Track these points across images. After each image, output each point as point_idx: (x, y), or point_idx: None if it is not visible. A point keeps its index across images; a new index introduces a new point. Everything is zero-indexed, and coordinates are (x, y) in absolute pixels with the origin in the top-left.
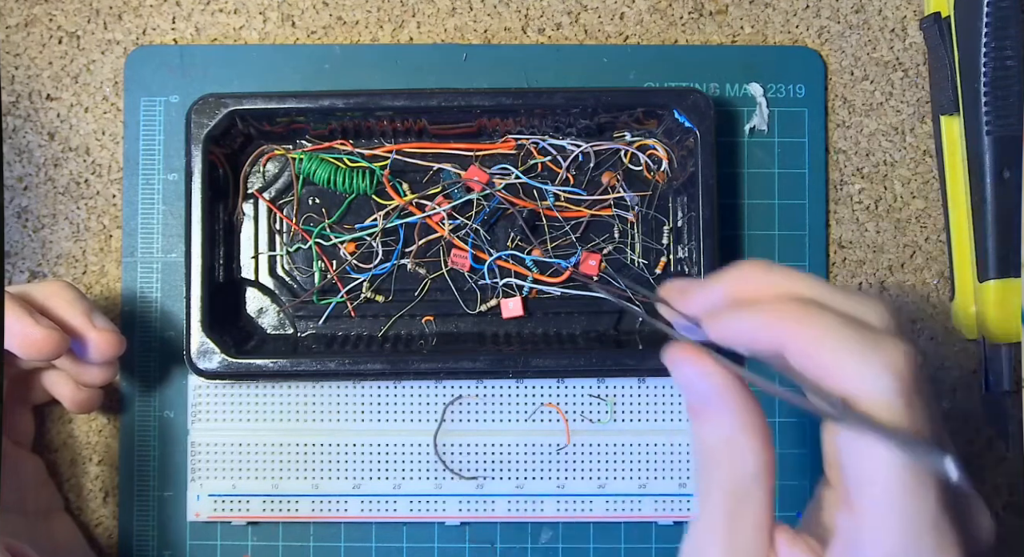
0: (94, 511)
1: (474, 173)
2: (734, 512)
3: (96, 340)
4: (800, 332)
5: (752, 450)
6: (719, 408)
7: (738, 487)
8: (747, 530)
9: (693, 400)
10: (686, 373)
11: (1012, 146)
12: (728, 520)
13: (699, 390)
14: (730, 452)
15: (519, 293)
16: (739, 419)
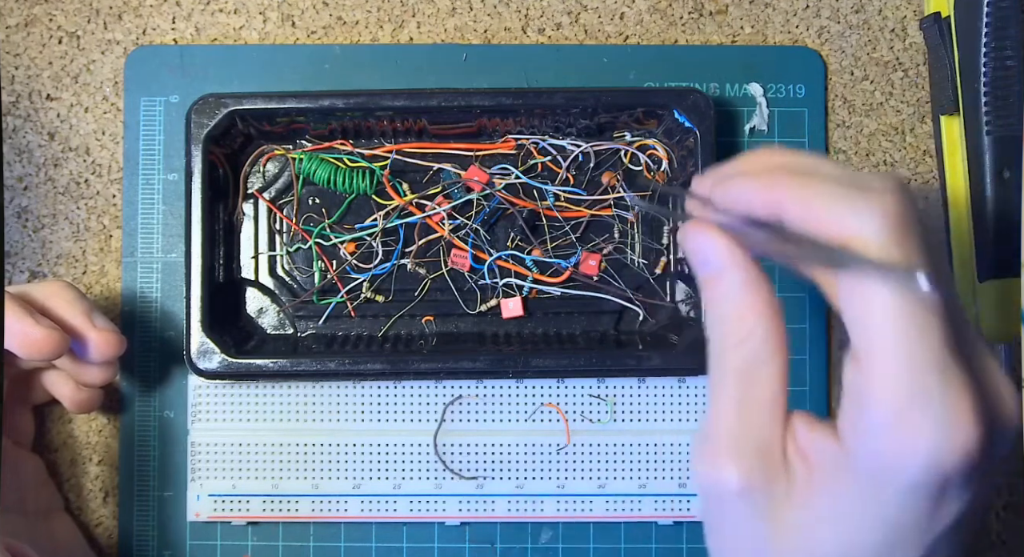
0: (94, 511)
1: (474, 173)
2: (744, 390)
3: (96, 340)
4: (795, 188)
5: (762, 325)
6: (728, 274)
7: (748, 364)
8: (757, 409)
9: (703, 271)
10: (697, 242)
11: (1012, 146)
12: (738, 399)
13: (708, 259)
14: (739, 326)
15: (519, 293)
16: (747, 289)
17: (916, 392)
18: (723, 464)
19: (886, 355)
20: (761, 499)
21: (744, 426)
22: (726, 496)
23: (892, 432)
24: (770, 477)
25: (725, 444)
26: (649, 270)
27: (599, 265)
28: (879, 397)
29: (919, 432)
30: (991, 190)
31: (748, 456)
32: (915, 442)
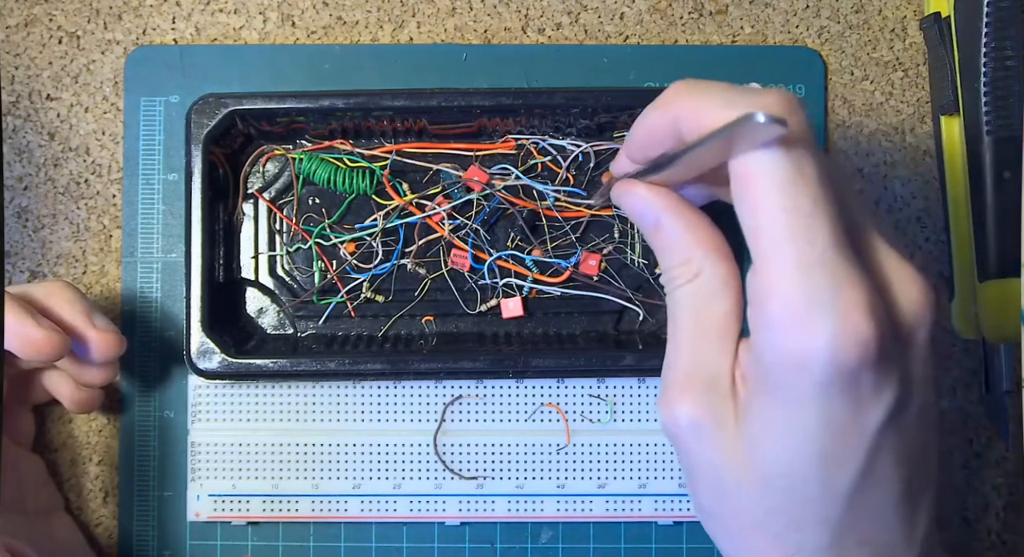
0: (94, 511)
1: (474, 173)
2: (695, 327)
3: (96, 340)
4: (687, 100)
5: (708, 260)
6: (665, 220)
7: (697, 300)
8: (707, 342)
9: (645, 224)
10: (630, 201)
11: (1012, 146)
12: (689, 337)
13: (646, 213)
14: (687, 268)
15: (519, 293)
16: (687, 229)
17: (808, 289)
18: (674, 401)
19: (776, 258)
20: (709, 429)
21: (694, 361)
22: (682, 430)
23: (791, 333)
24: (717, 405)
25: (676, 382)
26: (649, 270)
27: (599, 265)
28: (773, 301)
29: (813, 330)
30: (991, 190)
31: (696, 390)
32: (811, 341)
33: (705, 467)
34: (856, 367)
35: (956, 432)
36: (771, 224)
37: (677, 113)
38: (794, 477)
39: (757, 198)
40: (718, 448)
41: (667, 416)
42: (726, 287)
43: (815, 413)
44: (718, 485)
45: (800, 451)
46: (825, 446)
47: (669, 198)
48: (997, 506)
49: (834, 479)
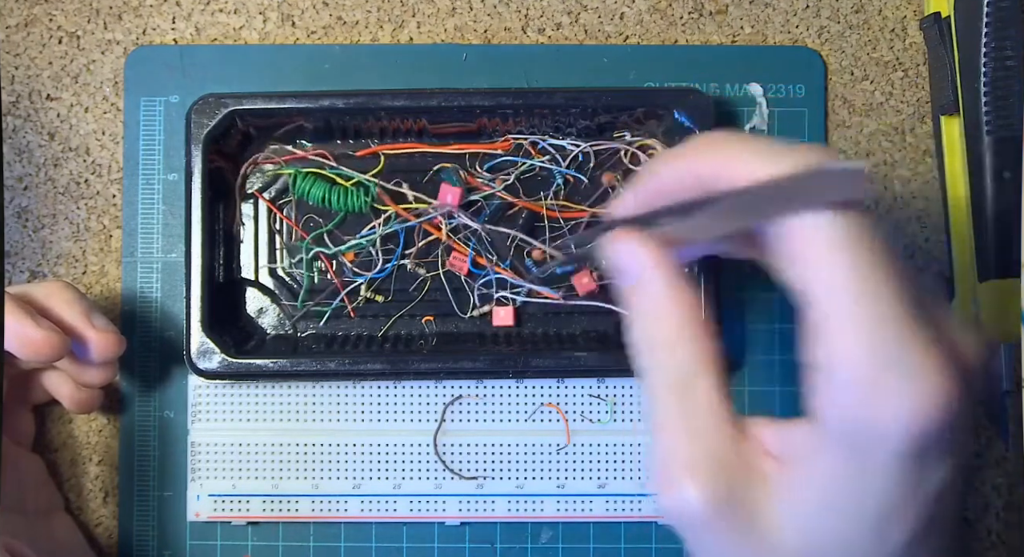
0: (94, 511)
1: (446, 193)
2: (682, 404)
3: (96, 340)
4: (722, 149)
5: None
6: (649, 279)
7: (680, 376)
8: (701, 420)
9: (626, 282)
10: (618, 251)
11: (1012, 146)
12: (678, 415)
13: (630, 267)
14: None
15: (512, 304)
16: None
17: (882, 352)
18: (681, 485)
19: (843, 321)
20: (731, 511)
21: (692, 441)
22: (696, 518)
23: (866, 399)
24: (737, 487)
25: (678, 464)
26: None
27: (593, 278)
28: (846, 365)
29: (893, 395)
30: (991, 190)
31: (704, 470)
32: (891, 406)
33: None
34: (933, 433)
35: None
36: (836, 285)
37: (707, 164)
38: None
39: (819, 259)
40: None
41: (672, 502)
42: (709, 364)
43: (879, 481)
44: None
45: (853, 524)
46: (880, 513)
47: (661, 256)
48: (997, 506)
49: (885, 542)
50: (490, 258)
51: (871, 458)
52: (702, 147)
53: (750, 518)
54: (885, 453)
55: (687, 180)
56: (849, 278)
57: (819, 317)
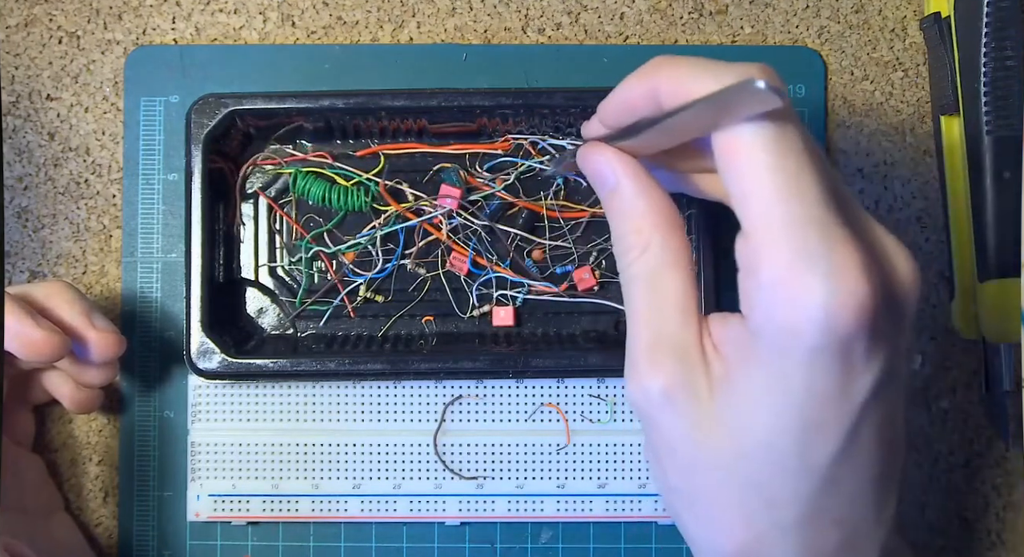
0: (94, 511)
1: (447, 193)
2: (650, 299)
3: (96, 340)
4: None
5: (658, 233)
6: (622, 185)
7: (650, 273)
8: (666, 314)
9: (604, 186)
10: (594, 161)
11: (1012, 146)
12: (646, 308)
13: (607, 175)
14: (637, 238)
15: (512, 303)
16: (641, 197)
17: (801, 250)
18: (643, 372)
19: (766, 219)
20: (684, 400)
21: (657, 333)
22: (653, 403)
23: (783, 295)
24: (689, 376)
25: (643, 355)
26: None
27: (593, 275)
28: (766, 261)
29: (808, 290)
30: (991, 190)
31: (666, 362)
32: (806, 301)
33: (675, 441)
34: (851, 332)
35: (956, 432)
36: (759, 185)
37: (659, 82)
38: (774, 448)
39: (744, 162)
40: (691, 420)
41: (636, 388)
42: (678, 260)
43: (803, 380)
44: (688, 460)
45: (783, 420)
46: (810, 415)
47: (634, 164)
48: (997, 506)
49: (815, 451)
50: (490, 258)
51: (792, 358)
52: (657, 66)
53: (698, 411)
54: (804, 351)
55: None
56: (771, 181)
57: (745, 218)
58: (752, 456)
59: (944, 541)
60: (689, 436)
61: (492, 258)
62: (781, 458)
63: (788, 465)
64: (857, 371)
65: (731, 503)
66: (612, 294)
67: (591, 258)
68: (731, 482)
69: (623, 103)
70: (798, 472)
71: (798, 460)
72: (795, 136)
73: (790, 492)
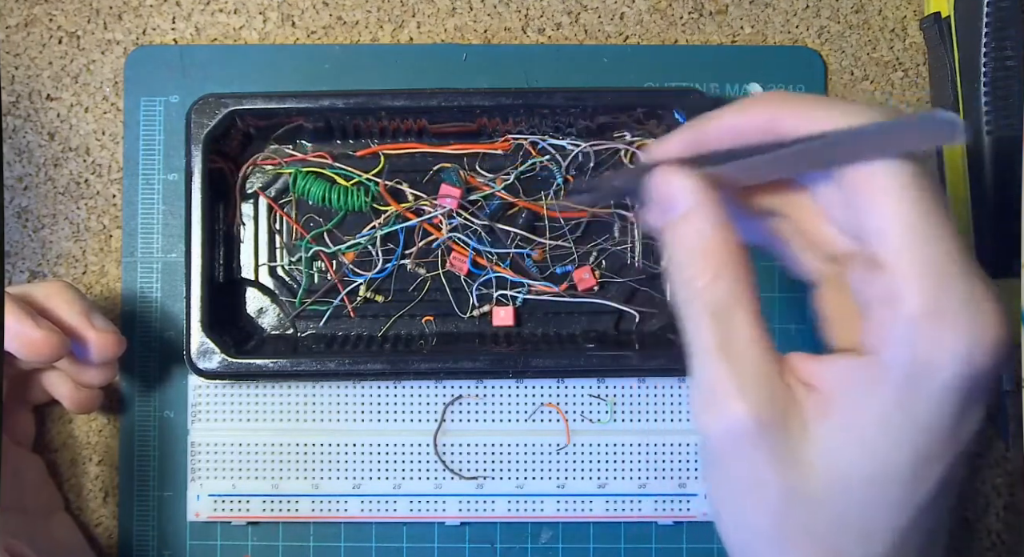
0: (94, 511)
1: (446, 193)
2: (725, 332)
3: (96, 341)
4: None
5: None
6: (699, 212)
7: (723, 304)
8: (745, 347)
9: (671, 214)
10: (666, 184)
11: (1012, 146)
12: (721, 342)
13: (676, 199)
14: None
15: (512, 303)
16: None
17: (946, 286)
18: (730, 405)
19: (910, 254)
20: (777, 436)
21: (736, 367)
22: (739, 440)
23: (928, 326)
24: (780, 409)
25: (725, 385)
26: (650, 268)
27: (593, 275)
28: (911, 295)
29: (953, 329)
30: (991, 190)
31: (753, 392)
32: (950, 339)
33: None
34: (984, 373)
35: None
36: (901, 223)
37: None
38: (884, 480)
39: (884, 198)
40: (783, 456)
41: (718, 423)
42: (749, 294)
43: (929, 414)
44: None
45: (899, 454)
46: (926, 450)
47: (712, 192)
48: (997, 506)
49: (920, 485)
50: (490, 258)
51: (922, 393)
52: (771, 99)
53: (791, 449)
54: (937, 388)
55: (743, 131)
56: (916, 218)
57: (883, 254)
58: (857, 490)
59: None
60: (782, 473)
61: (492, 258)
62: (888, 491)
63: (893, 498)
64: (972, 410)
65: (824, 538)
66: (612, 294)
67: (591, 258)
68: (826, 516)
69: (733, 128)
70: (900, 505)
71: (904, 493)
72: (930, 174)
73: (888, 525)
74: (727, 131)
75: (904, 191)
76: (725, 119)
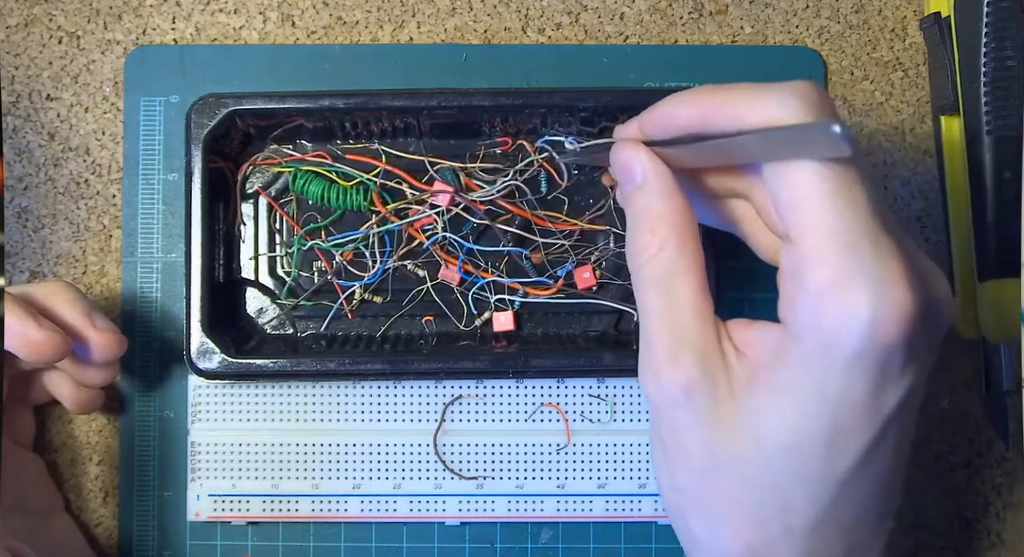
0: (94, 511)
1: (439, 187)
2: (665, 301)
3: (97, 341)
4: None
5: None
6: (647, 184)
7: (664, 275)
8: (683, 316)
9: (627, 184)
10: (624, 156)
11: (1012, 146)
12: (661, 310)
13: (635, 170)
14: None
15: (511, 307)
16: (663, 198)
17: (851, 257)
18: (664, 369)
19: (817, 227)
20: (704, 400)
21: (674, 333)
22: (671, 401)
23: (831, 298)
24: (710, 376)
25: (663, 353)
26: None
27: (594, 274)
28: (816, 266)
29: (858, 295)
30: (991, 190)
31: (685, 359)
32: (853, 307)
33: (690, 440)
34: (893, 343)
35: (956, 432)
36: (812, 194)
37: (709, 107)
38: (799, 452)
39: (796, 173)
40: (709, 420)
41: (654, 386)
42: (692, 265)
43: (839, 386)
44: (702, 460)
45: (812, 425)
46: (839, 422)
47: (664, 167)
48: (997, 506)
49: (838, 458)
50: (479, 265)
51: (831, 362)
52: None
53: (717, 413)
54: (845, 357)
55: (694, 119)
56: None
57: (794, 225)
58: (774, 459)
59: (944, 541)
60: (706, 436)
61: (482, 265)
62: (804, 462)
63: (810, 470)
64: (890, 382)
65: (743, 505)
66: (612, 294)
67: (591, 258)
68: (746, 484)
69: (667, 119)
70: (819, 478)
71: (821, 465)
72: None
73: (807, 497)
74: (669, 122)
75: (818, 168)
76: (664, 111)
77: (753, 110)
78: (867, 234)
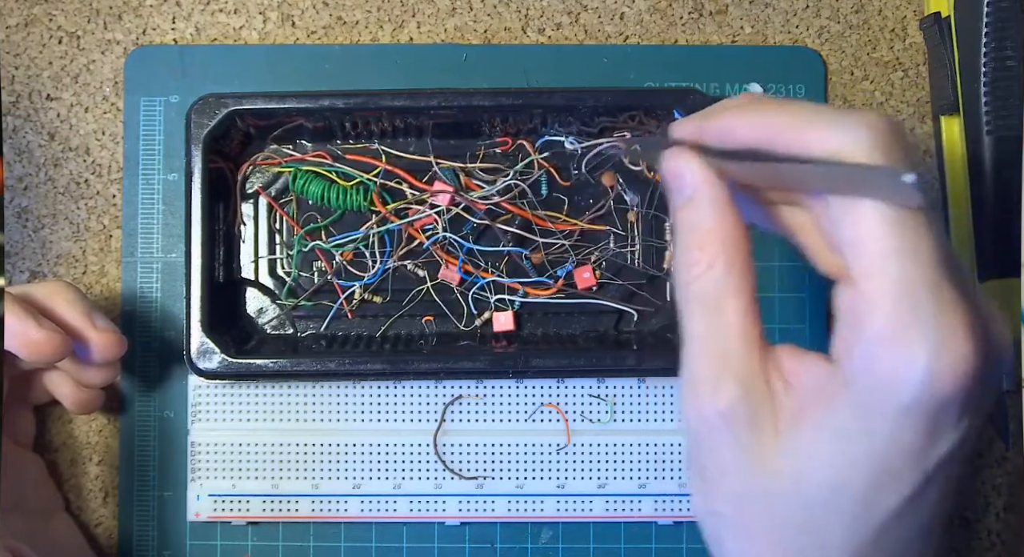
0: (94, 511)
1: (440, 187)
2: (712, 322)
3: (97, 341)
4: (782, 113)
5: (725, 253)
6: (699, 196)
7: (712, 295)
8: (729, 339)
9: (678, 196)
10: (676, 165)
11: (1012, 146)
12: (707, 331)
13: (686, 182)
14: (701, 254)
15: (511, 307)
16: (714, 211)
17: (911, 308)
18: (704, 394)
19: (880, 272)
20: (745, 428)
21: (718, 358)
22: (709, 426)
23: (888, 348)
24: (753, 404)
25: (707, 376)
26: (650, 268)
27: (594, 274)
28: (875, 314)
29: (915, 347)
30: (991, 190)
31: (729, 384)
32: (911, 357)
33: (729, 467)
34: (948, 396)
35: None
36: (876, 236)
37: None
38: (840, 493)
39: (862, 211)
40: (750, 450)
41: (694, 410)
42: (742, 285)
43: (888, 433)
44: (740, 487)
45: (856, 468)
46: (885, 468)
47: (718, 181)
48: (997, 506)
49: (880, 502)
50: (479, 265)
51: (882, 409)
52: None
53: (758, 442)
54: (897, 406)
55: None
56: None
57: (855, 267)
58: (814, 498)
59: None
60: (747, 466)
61: (482, 265)
62: (844, 504)
63: (849, 512)
64: (942, 434)
65: (780, 539)
66: (612, 294)
67: (591, 258)
68: (783, 518)
69: (726, 133)
70: (857, 520)
71: (861, 509)
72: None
73: (844, 538)
74: (728, 133)
75: (885, 211)
76: (725, 121)
77: (820, 138)
78: (929, 285)
